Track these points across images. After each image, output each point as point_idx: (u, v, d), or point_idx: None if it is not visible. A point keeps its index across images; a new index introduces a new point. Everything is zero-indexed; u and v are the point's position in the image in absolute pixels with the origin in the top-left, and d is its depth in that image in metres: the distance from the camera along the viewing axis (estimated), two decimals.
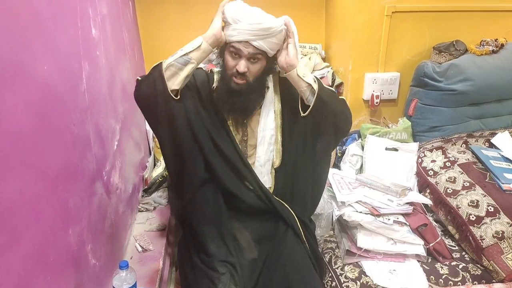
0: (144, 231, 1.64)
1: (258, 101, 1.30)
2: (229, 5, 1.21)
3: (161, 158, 2.01)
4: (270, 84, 1.34)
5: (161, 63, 1.16)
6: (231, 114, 1.30)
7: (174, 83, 1.16)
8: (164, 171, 1.93)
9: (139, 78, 1.21)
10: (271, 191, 1.32)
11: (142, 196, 1.89)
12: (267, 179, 1.31)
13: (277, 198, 1.29)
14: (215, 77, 1.33)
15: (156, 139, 2.11)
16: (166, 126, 1.22)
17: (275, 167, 1.33)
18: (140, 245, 1.52)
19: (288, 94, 1.34)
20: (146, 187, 1.91)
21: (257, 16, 1.19)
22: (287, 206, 1.28)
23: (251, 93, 1.24)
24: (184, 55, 1.17)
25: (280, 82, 1.36)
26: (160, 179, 1.92)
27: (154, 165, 2.07)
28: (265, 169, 1.31)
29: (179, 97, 1.19)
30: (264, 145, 1.31)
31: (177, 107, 1.19)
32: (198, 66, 1.30)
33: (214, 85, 1.30)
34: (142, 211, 1.79)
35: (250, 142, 1.33)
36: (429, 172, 1.76)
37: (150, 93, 1.17)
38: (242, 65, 1.19)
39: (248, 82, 1.22)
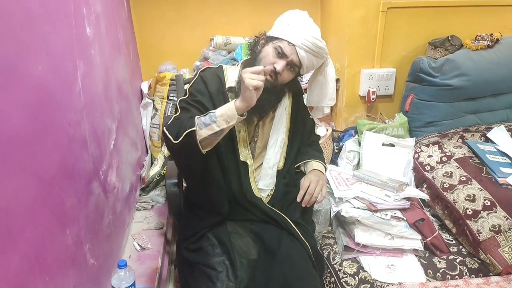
0: (142, 229, 1.63)
1: (274, 104, 1.32)
2: (294, 11, 1.28)
3: (158, 157, 2.01)
4: (286, 91, 1.36)
5: (194, 130, 1.08)
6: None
7: (209, 148, 1.15)
8: (161, 170, 1.93)
9: (170, 139, 1.14)
10: (272, 192, 1.33)
11: (140, 195, 1.89)
12: (271, 182, 1.33)
13: (270, 207, 1.29)
14: (231, 72, 1.32)
15: (153, 138, 2.11)
16: (193, 170, 1.25)
17: (278, 169, 1.35)
18: (138, 244, 1.52)
19: (299, 102, 1.42)
20: (143, 185, 1.91)
21: (316, 31, 1.24)
22: (279, 213, 1.28)
23: (271, 94, 1.24)
24: (219, 131, 1.10)
25: (294, 92, 1.40)
26: (157, 178, 1.92)
27: (151, 163, 2.07)
28: (272, 171, 1.33)
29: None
30: (275, 147, 1.33)
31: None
32: (203, 67, 1.33)
33: (236, 79, 1.28)
34: (140, 210, 1.79)
35: (258, 143, 1.34)
36: (425, 167, 1.77)
37: (185, 157, 1.21)
38: (281, 64, 1.20)
39: (274, 82, 1.22)
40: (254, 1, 2.21)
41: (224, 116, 1.09)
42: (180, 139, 1.10)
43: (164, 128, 1.17)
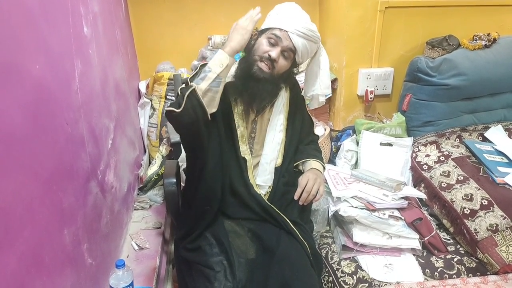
0: (140, 229, 1.63)
1: (271, 96, 1.32)
2: (281, 4, 1.31)
3: (156, 156, 2.01)
4: (283, 85, 1.37)
5: (193, 89, 1.10)
6: (242, 99, 1.30)
7: (213, 107, 1.16)
8: (159, 169, 1.93)
9: (173, 110, 1.12)
10: (270, 189, 1.33)
11: (138, 194, 1.89)
12: (269, 178, 1.33)
13: (269, 203, 1.30)
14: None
15: (151, 138, 2.11)
16: (201, 142, 1.23)
17: (276, 166, 1.35)
18: (136, 244, 1.52)
19: (297, 99, 1.42)
20: (141, 185, 1.90)
21: (306, 16, 1.28)
22: (278, 212, 1.28)
23: (268, 84, 1.26)
24: (216, 77, 1.13)
25: (291, 86, 1.41)
26: (155, 177, 1.92)
27: (149, 163, 2.07)
28: (270, 167, 1.33)
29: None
30: (272, 143, 1.34)
31: (212, 124, 1.21)
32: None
33: (233, 74, 1.29)
34: (138, 209, 1.78)
35: (257, 139, 1.35)
36: (423, 167, 1.77)
37: (192, 123, 1.15)
38: (275, 51, 1.22)
39: (271, 72, 1.24)
40: (252, 0, 2.21)
41: (215, 61, 1.14)
42: (183, 105, 1.10)
43: (166, 108, 1.19)
